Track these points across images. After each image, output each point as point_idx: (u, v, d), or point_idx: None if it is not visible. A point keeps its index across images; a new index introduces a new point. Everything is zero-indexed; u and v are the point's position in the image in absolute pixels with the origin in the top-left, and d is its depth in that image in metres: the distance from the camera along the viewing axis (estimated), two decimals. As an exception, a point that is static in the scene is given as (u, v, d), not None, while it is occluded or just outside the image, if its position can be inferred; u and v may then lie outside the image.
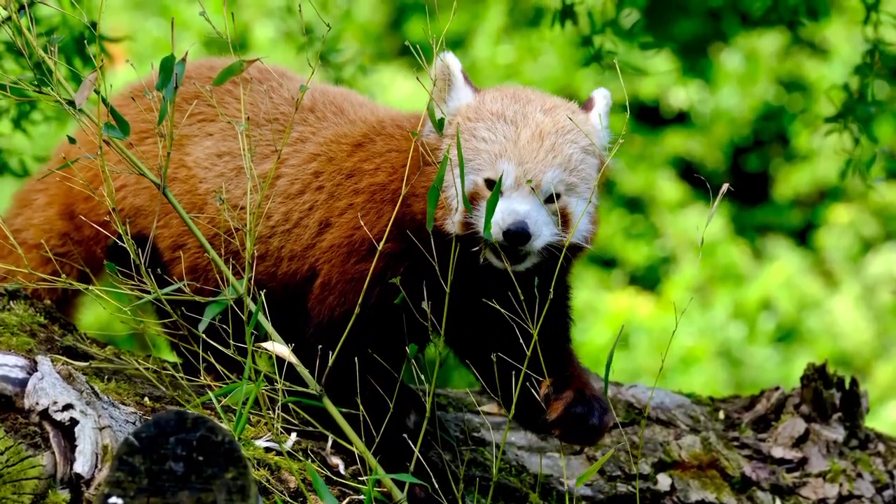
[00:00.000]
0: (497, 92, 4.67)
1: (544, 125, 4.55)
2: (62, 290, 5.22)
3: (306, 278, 4.73)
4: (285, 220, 4.78)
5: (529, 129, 4.53)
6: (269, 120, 4.87)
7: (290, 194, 4.79)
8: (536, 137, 4.52)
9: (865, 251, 13.19)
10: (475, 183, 4.50)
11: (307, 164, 4.82)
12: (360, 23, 13.19)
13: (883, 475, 5.52)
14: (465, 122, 4.57)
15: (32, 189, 5.38)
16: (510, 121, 4.55)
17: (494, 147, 4.51)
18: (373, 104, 5.06)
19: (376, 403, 4.50)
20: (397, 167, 4.66)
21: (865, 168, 6.26)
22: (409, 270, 4.56)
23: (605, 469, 5.20)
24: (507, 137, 4.52)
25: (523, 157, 4.50)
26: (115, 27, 11.21)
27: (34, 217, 5.25)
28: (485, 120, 4.56)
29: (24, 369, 4.23)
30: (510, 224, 4.42)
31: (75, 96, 4.27)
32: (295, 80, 5.01)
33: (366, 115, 4.92)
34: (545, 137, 4.53)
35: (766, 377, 12.16)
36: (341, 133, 4.85)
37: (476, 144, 4.53)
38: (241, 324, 4.33)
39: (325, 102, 4.95)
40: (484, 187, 4.50)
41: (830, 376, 5.61)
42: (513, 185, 4.47)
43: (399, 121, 4.82)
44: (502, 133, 4.53)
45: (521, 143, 4.51)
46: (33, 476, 3.99)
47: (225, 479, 3.57)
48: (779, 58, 13.39)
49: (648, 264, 13.15)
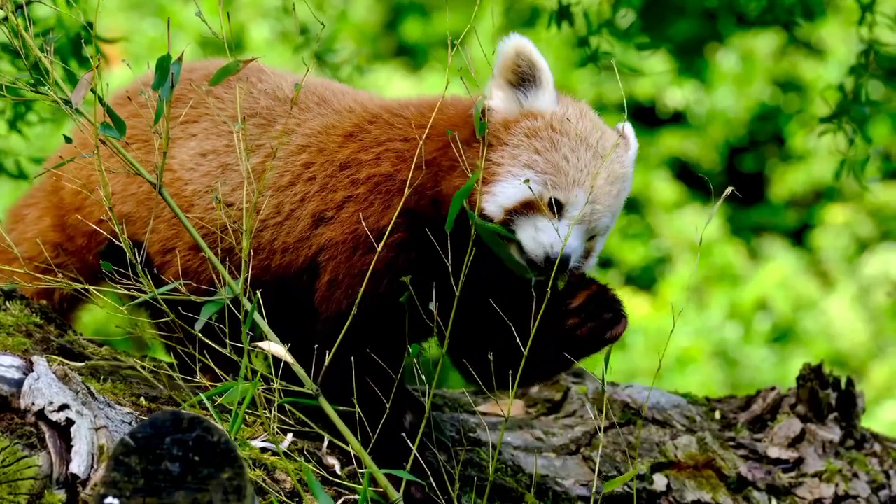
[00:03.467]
0: (574, 106, 4.63)
1: (616, 169, 4.56)
2: (58, 302, 5.23)
3: (301, 270, 4.72)
4: (276, 213, 4.77)
5: (607, 169, 4.52)
6: (251, 115, 4.86)
7: (280, 186, 4.77)
8: (610, 181, 4.53)
9: (861, 251, 13.20)
10: (540, 195, 4.47)
11: (296, 155, 4.80)
12: (356, 23, 13.19)
13: (879, 475, 5.52)
14: (549, 131, 4.53)
15: (24, 204, 5.38)
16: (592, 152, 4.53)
17: (575, 173, 4.50)
18: (354, 92, 5.01)
19: (374, 403, 4.50)
20: (405, 156, 4.63)
21: (860, 168, 6.27)
22: (417, 260, 4.56)
23: (602, 469, 5.20)
24: (588, 169, 4.50)
25: (598, 197, 4.50)
26: (112, 28, 11.21)
27: (27, 231, 5.25)
28: (570, 138, 4.53)
29: (20, 369, 4.23)
30: (553, 254, 4.43)
31: (72, 95, 4.27)
32: (273, 76, 4.99)
33: (350, 104, 4.89)
34: (615, 182, 4.55)
35: (763, 377, 12.17)
36: (328, 123, 4.83)
37: (556, 159, 4.49)
38: (237, 323, 4.33)
39: (307, 93, 4.92)
40: (546, 205, 4.47)
41: (826, 376, 5.61)
42: (576, 217, 4.47)
43: (396, 109, 4.79)
44: (584, 161, 4.51)
45: (600, 182, 4.50)
46: (29, 476, 3.98)
47: (221, 480, 3.57)
48: (775, 58, 13.41)
49: (644, 265, 13.16)
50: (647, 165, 13.25)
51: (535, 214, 4.46)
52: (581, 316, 4.56)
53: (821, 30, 12.77)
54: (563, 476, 5.13)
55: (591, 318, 4.57)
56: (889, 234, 13.20)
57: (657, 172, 13.27)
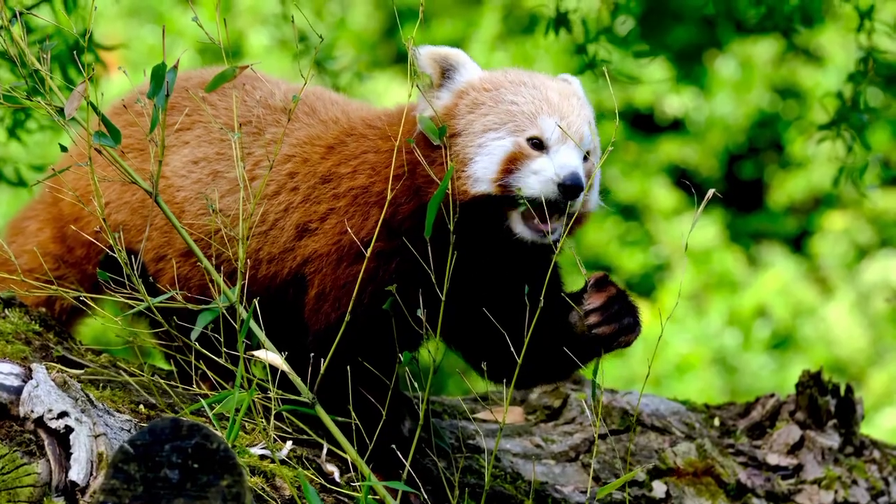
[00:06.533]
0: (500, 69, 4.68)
1: (563, 88, 4.60)
2: (58, 314, 5.22)
3: (287, 282, 4.72)
4: (262, 222, 4.77)
5: (554, 91, 4.55)
6: (243, 123, 4.86)
7: (265, 195, 4.78)
8: (565, 97, 4.55)
9: (860, 258, 13.21)
10: (517, 143, 4.48)
11: (282, 164, 4.80)
12: (355, 31, 13.20)
13: (878, 482, 5.52)
14: (483, 93, 4.57)
15: (24, 217, 5.38)
16: (532, 86, 4.56)
17: (529, 107, 4.51)
18: (345, 101, 5.03)
19: (372, 411, 4.50)
20: (378, 168, 4.65)
21: (859, 175, 6.27)
22: (400, 267, 4.57)
23: (601, 476, 5.20)
24: (538, 98, 4.53)
25: (563, 112, 4.51)
26: (111, 35, 11.21)
27: (27, 244, 5.24)
28: (506, 87, 4.57)
29: (20, 377, 4.23)
30: (566, 176, 4.41)
31: (65, 107, 4.26)
32: (267, 84, 5.00)
33: (337, 115, 4.90)
34: (570, 97, 4.57)
35: (762, 384, 12.16)
36: (314, 134, 4.84)
37: (507, 107, 4.53)
38: (233, 332, 4.33)
39: (298, 102, 4.94)
40: (527, 146, 4.48)
41: (825, 383, 5.62)
42: (560, 138, 4.47)
43: (370, 120, 4.81)
44: (531, 95, 4.54)
45: (555, 101, 4.52)
46: (28, 484, 3.98)
47: (220, 487, 3.57)
48: (773, 65, 13.42)
49: (643, 272, 13.16)
50: (646, 172, 13.25)
51: (523, 163, 4.48)
52: (602, 315, 4.55)
53: (819, 37, 12.78)
54: (562, 483, 5.13)
55: (613, 320, 4.55)
56: (888, 241, 13.21)
57: (656, 180, 13.27)
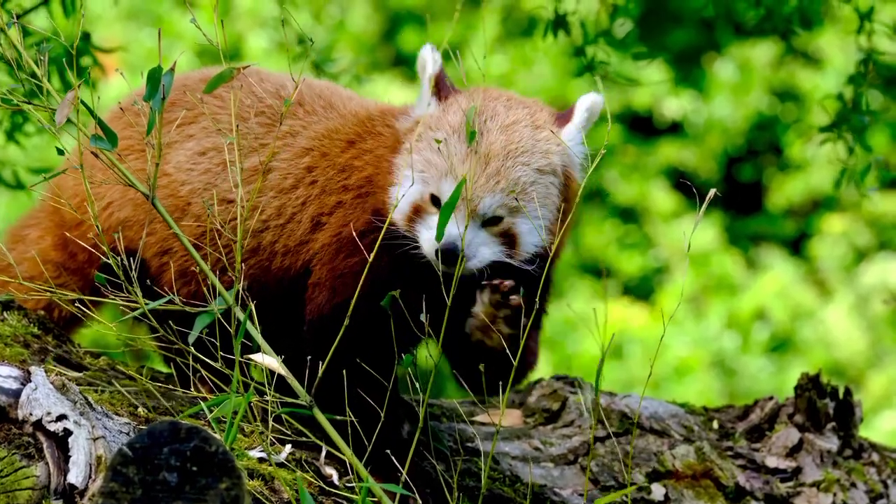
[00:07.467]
0: (466, 100, 4.66)
1: (493, 147, 4.55)
2: (58, 321, 5.20)
3: (299, 275, 4.74)
4: (278, 215, 4.78)
5: (481, 150, 4.54)
6: (256, 113, 4.87)
7: (283, 188, 4.80)
8: (482, 161, 4.53)
9: (859, 261, 13.21)
10: (422, 195, 4.55)
11: (299, 158, 4.82)
12: (354, 33, 13.20)
13: (877, 485, 5.52)
14: (427, 131, 4.61)
15: (25, 224, 5.35)
16: (463, 139, 4.55)
17: (442, 164, 4.54)
18: (360, 98, 5.07)
19: (370, 413, 4.49)
20: (382, 161, 4.69)
21: (860, 178, 6.26)
22: (393, 261, 4.58)
23: (599, 479, 5.20)
24: (459, 153, 4.53)
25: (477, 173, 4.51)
26: (109, 38, 11.21)
27: (28, 251, 5.22)
28: (444, 131, 4.58)
29: (18, 380, 4.22)
30: (441, 244, 4.45)
31: (55, 114, 4.25)
32: (273, 76, 5.01)
33: (356, 110, 4.93)
34: (490, 161, 4.53)
35: (760, 387, 12.17)
36: (333, 128, 4.86)
37: (430, 156, 4.57)
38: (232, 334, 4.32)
39: (313, 96, 4.95)
40: (428, 202, 4.55)
41: (824, 386, 5.61)
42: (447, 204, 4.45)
43: (388, 119, 4.83)
44: (454, 151, 4.54)
45: (467, 165, 4.52)
46: (27, 487, 3.98)
47: (219, 490, 3.57)
48: (772, 67, 13.42)
49: (642, 274, 13.16)
50: (645, 175, 13.26)
51: (422, 216, 4.56)
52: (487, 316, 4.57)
53: (818, 39, 12.78)
54: (560, 486, 5.13)
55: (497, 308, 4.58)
56: (887, 244, 13.21)
57: (655, 182, 13.27)
